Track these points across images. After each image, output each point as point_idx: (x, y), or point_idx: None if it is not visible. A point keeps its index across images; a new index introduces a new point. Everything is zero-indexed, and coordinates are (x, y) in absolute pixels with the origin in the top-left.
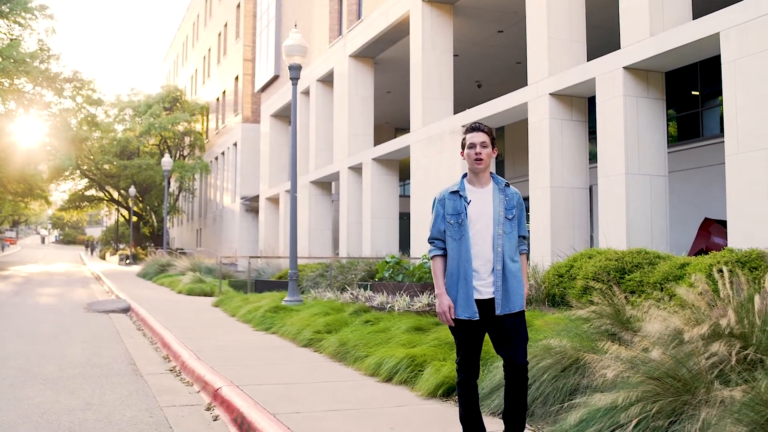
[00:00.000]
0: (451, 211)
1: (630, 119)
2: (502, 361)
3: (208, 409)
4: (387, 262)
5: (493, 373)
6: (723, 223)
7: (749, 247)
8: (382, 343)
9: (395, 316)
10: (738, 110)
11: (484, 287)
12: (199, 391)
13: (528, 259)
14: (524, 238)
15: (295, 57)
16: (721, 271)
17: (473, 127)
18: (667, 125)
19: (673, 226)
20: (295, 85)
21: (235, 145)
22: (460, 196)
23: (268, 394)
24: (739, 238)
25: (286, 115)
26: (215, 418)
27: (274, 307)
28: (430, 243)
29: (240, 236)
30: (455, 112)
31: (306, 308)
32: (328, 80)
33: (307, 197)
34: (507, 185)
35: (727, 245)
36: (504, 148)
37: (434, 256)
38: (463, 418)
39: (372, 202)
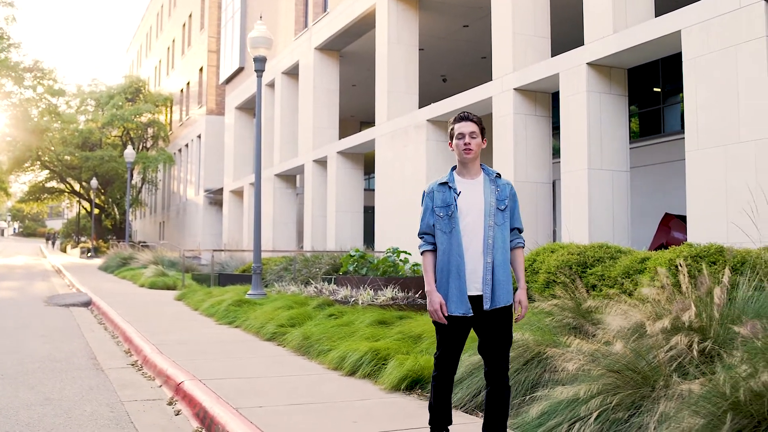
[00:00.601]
0: (440, 203)
1: (593, 115)
2: (467, 354)
3: (170, 403)
4: (351, 256)
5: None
6: (683, 218)
7: (708, 242)
8: (346, 337)
9: (359, 310)
10: (698, 107)
11: (474, 282)
12: (161, 386)
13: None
14: (519, 231)
15: (260, 49)
16: (680, 265)
17: (461, 117)
18: (630, 121)
19: (634, 220)
20: (260, 77)
21: (199, 137)
22: (450, 187)
23: (231, 388)
24: (698, 233)
25: (250, 108)
26: (177, 413)
27: (238, 300)
28: (419, 237)
29: (203, 229)
30: (420, 106)
31: (270, 302)
32: (293, 73)
33: (272, 190)
34: (498, 176)
35: (686, 240)
36: None
37: (424, 251)
38: (433, 407)
39: (337, 195)
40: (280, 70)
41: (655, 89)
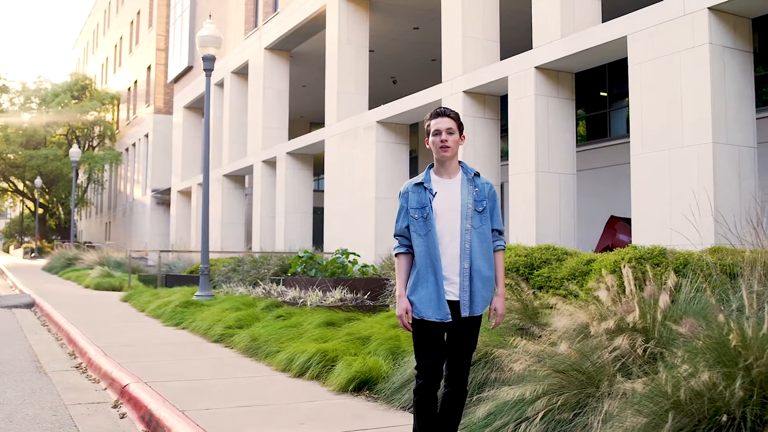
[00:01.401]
0: (415, 204)
1: (541, 118)
2: (413, 355)
3: (115, 406)
4: (300, 257)
5: (403, 368)
6: (628, 221)
7: (652, 245)
8: (294, 339)
9: (307, 311)
10: (643, 111)
11: (452, 288)
12: (105, 389)
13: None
14: (500, 233)
15: (209, 48)
16: (625, 267)
17: (438, 113)
18: (577, 125)
19: (580, 223)
20: (208, 76)
21: (147, 136)
22: (425, 188)
23: (177, 391)
24: (642, 236)
25: (199, 107)
26: (122, 416)
27: (185, 302)
28: (395, 238)
29: (151, 230)
30: (370, 108)
31: (217, 303)
32: (242, 72)
33: (220, 191)
34: (477, 175)
35: (631, 242)
36: (418, 144)
37: (398, 253)
38: (418, 430)
39: (286, 196)
40: (229, 69)
41: (601, 93)
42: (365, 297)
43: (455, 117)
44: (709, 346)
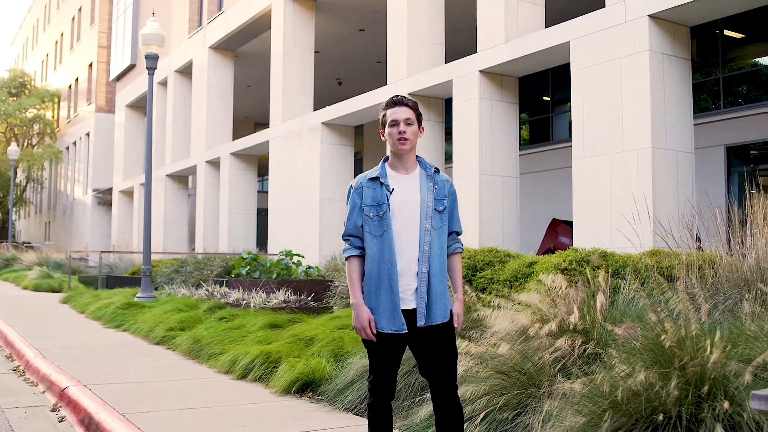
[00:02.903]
0: (371, 201)
1: (484, 121)
2: (358, 356)
3: (53, 410)
4: (244, 258)
5: (347, 369)
6: (569, 224)
7: (593, 247)
8: (238, 340)
9: (251, 313)
10: (585, 116)
11: (407, 294)
12: (44, 392)
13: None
14: (458, 235)
15: (153, 46)
16: (566, 269)
17: (395, 101)
18: (520, 128)
19: (523, 225)
20: (151, 75)
21: (88, 135)
22: (381, 183)
23: (117, 394)
24: (583, 238)
25: (142, 106)
26: (61, 419)
27: (126, 303)
28: (344, 240)
29: (92, 230)
30: (315, 109)
31: (159, 305)
32: (186, 71)
33: (163, 191)
34: (436, 171)
35: (572, 244)
36: (363, 146)
37: (350, 256)
38: None
39: (230, 197)
40: (173, 68)
41: (544, 98)
42: (309, 299)
43: (414, 106)
44: (645, 346)
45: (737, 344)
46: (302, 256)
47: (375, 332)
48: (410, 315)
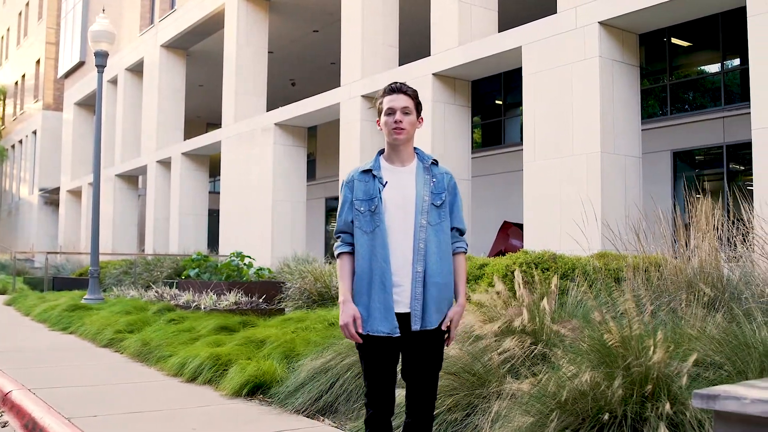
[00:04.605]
0: (362, 195)
1: (437, 124)
2: (309, 358)
3: None
4: (194, 260)
5: (297, 371)
6: (520, 226)
7: (543, 249)
8: (187, 343)
9: (201, 315)
10: (536, 120)
11: (402, 296)
12: None
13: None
14: (460, 232)
15: (102, 44)
16: (516, 272)
17: (393, 88)
18: (473, 132)
19: (475, 227)
20: (101, 73)
21: (35, 133)
22: (374, 176)
23: (63, 398)
24: (534, 241)
25: (91, 104)
26: (4, 425)
27: (73, 305)
28: (335, 237)
29: (38, 230)
30: (268, 109)
31: (108, 307)
32: (137, 70)
33: (112, 191)
34: (435, 163)
35: (523, 247)
36: (316, 147)
37: (340, 253)
38: None
39: (180, 197)
40: (123, 66)
41: (497, 102)
42: (261, 300)
43: (413, 95)
44: (592, 347)
45: (680, 344)
46: (253, 258)
47: (359, 332)
48: (404, 318)
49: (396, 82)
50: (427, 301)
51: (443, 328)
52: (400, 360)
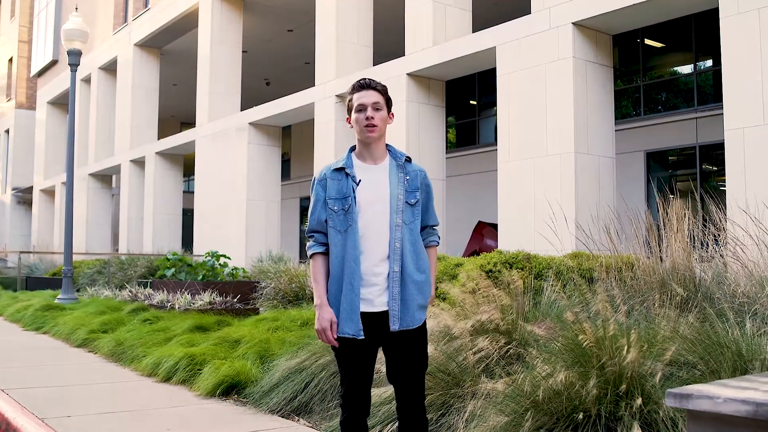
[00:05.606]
0: (335, 194)
1: (411, 124)
2: (284, 358)
3: None
4: (168, 259)
5: (272, 371)
6: (495, 226)
7: (517, 249)
8: (162, 343)
9: (176, 315)
10: (510, 121)
11: (377, 296)
12: None
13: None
14: (434, 228)
15: (75, 42)
16: (491, 271)
17: (362, 84)
18: (447, 132)
19: (449, 227)
20: (74, 71)
21: (8, 132)
22: (347, 174)
23: (37, 398)
24: (508, 241)
25: (64, 103)
26: None
27: (47, 305)
28: (308, 237)
29: (11, 230)
30: (242, 109)
31: (81, 307)
32: (111, 69)
33: (86, 190)
34: (408, 160)
35: (497, 247)
36: (291, 146)
37: (314, 254)
38: None
39: (155, 197)
40: (97, 65)
41: (471, 102)
42: (235, 300)
43: (383, 90)
44: (566, 346)
45: (654, 344)
46: (228, 258)
47: (336, 337)
48: (382, 318)
49: (365, 78)
50: (407, 301)
51: None
52: (385, 362)
